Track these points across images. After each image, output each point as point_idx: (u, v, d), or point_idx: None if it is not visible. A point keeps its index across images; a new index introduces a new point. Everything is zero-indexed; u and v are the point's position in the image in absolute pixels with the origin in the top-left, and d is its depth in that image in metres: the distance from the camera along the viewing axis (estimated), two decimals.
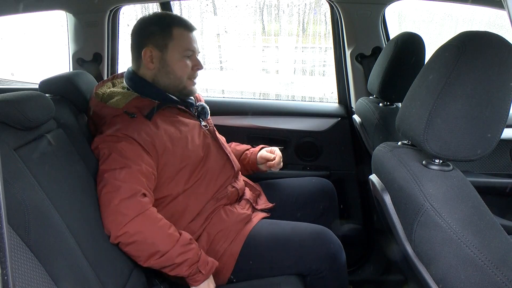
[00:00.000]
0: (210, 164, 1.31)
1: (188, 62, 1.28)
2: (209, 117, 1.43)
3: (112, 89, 1.30)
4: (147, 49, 1.25)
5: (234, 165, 1.40)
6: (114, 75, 1.41)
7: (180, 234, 1.13)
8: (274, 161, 1.51)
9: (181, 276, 1.13)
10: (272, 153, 1.55)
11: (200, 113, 1.39)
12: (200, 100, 1.45)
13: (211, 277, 1.16)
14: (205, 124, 1.39)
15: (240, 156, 1.56)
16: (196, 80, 1.34)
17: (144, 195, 1.12)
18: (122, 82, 1.34)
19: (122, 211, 1.07)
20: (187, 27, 1.28)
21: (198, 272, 1.12)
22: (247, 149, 1.59)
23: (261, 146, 1.59)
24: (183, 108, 1.33)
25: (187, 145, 1.26)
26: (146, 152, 1.17)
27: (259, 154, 1.55)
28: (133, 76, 1.30)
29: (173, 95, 1.30)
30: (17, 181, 0.88)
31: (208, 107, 1.42)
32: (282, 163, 1.54)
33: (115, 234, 1.07)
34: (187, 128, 1.30)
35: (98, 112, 1.25)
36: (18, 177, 0.90)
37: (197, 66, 1.31)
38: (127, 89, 1.30)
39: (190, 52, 1.28)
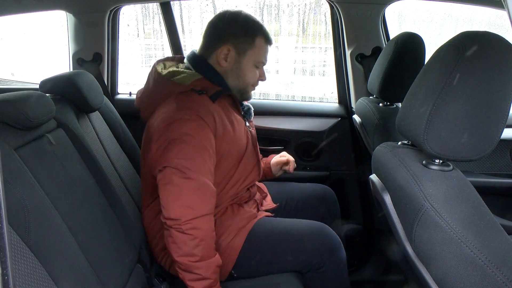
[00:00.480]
0: (244, 164, 1.33)
1: (257, 72, 1.30)
2: (252, 118, 1.45)
3: (171, 69, 1.28)
4: (225, 47, 1.24)
5: (261, 171, 1.43)
6: (172, 57, 1.38)
7: (216, 255, 1.15)
8: (289, 166, 1.54)
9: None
10: (282, 157, 1.57)
11: (245, 113, 1.42)
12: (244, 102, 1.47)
13: None
14: (249, 125, 1.42)
15: None
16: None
17: (214, 196, 1.14)
18: (177, 67, 1.31)
19: (195, 205, 1.09)
20: (268, 40, 1.29)
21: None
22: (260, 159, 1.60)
23: (271, 156, 1.61)
24: (237, 103, 1.35)
25: (237, 137, 1.28)
26: (212, 134, 1.17)
27: (272, 162, 1.57)
28: (202, 61, 1.28)
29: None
30: (17, 181, 0.88)
31: (253, 109, 1.45)
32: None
33: (178, 221, 1.08)
34: (238, 122, 1.32)
35: (160, 88, 1.23)
36: (18, 177, 0.90)
37: (262, 77, 1.33)
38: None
39: (262, 64, 1.31)
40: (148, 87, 1.27)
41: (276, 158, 1.57)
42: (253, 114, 1.44)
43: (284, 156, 1.57)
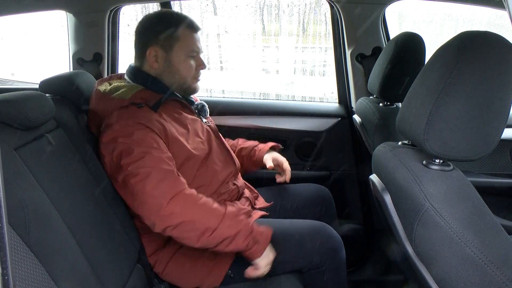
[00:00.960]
0: (214, 160, 1.32)
1: (192, 63, 1.29)
2: (208, 115, 1.44)
3: (115, 83, 1.30)
4: (152, 49, 1.25)
5: (235, 162, 1.41)
6: (110, 76, 1.40)
7: (226, 207, 1.14)
8: (284, 176, 1.51)
9: (240, 250, 1.12)
10: (278, 163, 1.53)
11: (200, 111, 1.41)
12: (196, 100, 1.46)
13: (270, 246, 1.16)
14: (206, 121, 1.40)
15: (249, 152, 1.56)
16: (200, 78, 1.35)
17: (178, 175, 1.12)
18: (120, 82, 1.33)
19: (157, 195, 1.06)
20: (193, 28, 1.28)
21: (255, 243, 1.12)
22: (256, 146, 1.58)
23: (270, 144, 1.56)
24: (185, 104, 1.34)
25: (192, 139, 1.27)
26: (160, 138, 1.17)
27: (266, 157, 1.52)
28: (137, 71, 1.30)
29: (177, 93, 1.31)
30: (17, 181, 0.88)
31: (207, 105, 1.43)
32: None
33: (157, 220, 1.06)
34: (191, 123, 1.31)
35: (103, 105, 1.24)
36: (18, 177, 0.90)
37: (201, 66, 1.32)
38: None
39: (194, 53, 1.29)
40: (92, 105, 1.28)
41: (268, 160, 1.50)
42: (208, 110, 1.43)
43: (281, 165, 1.52)
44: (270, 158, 1.52)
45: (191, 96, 1.41)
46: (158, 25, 1.26)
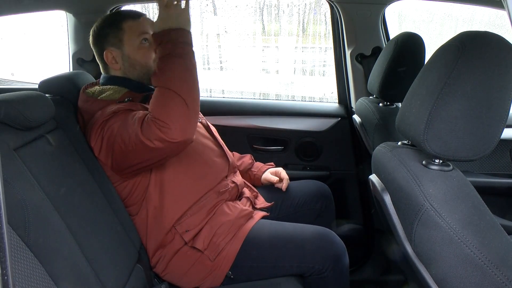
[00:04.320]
0: (205, 152, 1.33)
1: (148, 46, 1.29)
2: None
3: (102, 86, 1.31)
4: (107, 52, 1.28)
5: (229, 157, 1.41)
6: (97, 81, 1.40)
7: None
8: (282, 184, 1.54)
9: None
10: (277, 174, 1.56)
11: None
12: None
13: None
14: None
15: (245, 172, 1.58)
16: None
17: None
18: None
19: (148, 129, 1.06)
20: (134, 16, 1.30)
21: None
22: (251, 167, 1.59)
23: (266, 166, 1.60)
24: None
25: None
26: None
27: (264, 176, 1.56)
28: (108, 78, 1.32)
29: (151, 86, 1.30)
30: (17, 181, 0.88)
31: None
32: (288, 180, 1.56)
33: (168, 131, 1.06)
34: None
35: (89, 107, 1.25)
36: (18, 177, 0.90)
37: None
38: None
39: (146, 36, 1.29)
40: (79, 106, 1.29)
41: (268, 176, 1.55)
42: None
43: (278, 174, 1.56)
44: (269, 175, 1.55)
45: None
46: (103, 29, 1.29)
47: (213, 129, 1.48)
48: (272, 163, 1.63)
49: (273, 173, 1.57)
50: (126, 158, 1.14)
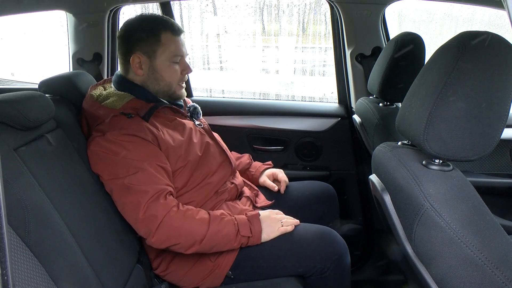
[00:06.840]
0: (210, 161, 1.32)
1: (177, 68, 1.27)
2: (201, 116, 1.44)
3: (108, 90, 1.30)
4: (135, 56, 1.24)
5: (232, 162, 1.41)
6: (104, 79, 1.39)
7: (209, 214, 1.16)
8: (280, 186, 1.53)
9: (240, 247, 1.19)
10: (274, 176, 1.56)
11: (192, 113, 1.40)
12: (189, 103, 1.45)
13: (267, 220, 1.21)
14: (199, 123, 1.40)
15: (244, 171, 1.58)
16: (184, 84, 1.35)
17: (169, 193, 1.14)
18: (111, 88, 1.32)
19: (150, 216, 1.10)
20: (175, 31, 1.25)
21: (249, 236, 1.16)
22: (249, 167, 1.59)
23: (265, 166, 1.59)
24: (176, 109, 1.33)
25: (186, 144, 1.27)
26: (154, 146, 1.17)
27: (261, 181, 1.56)
28: (122, 80, 1.29)
29: (163, 99, 1.30)
30: (17, 181, 0.88)
31: (199, 107, 1.43)
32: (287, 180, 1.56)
33: (149, 239, 1.12)
34: (184, 128, 1.30)
35: (94, 112, 1.23)
36: (18, 177, 0.90)
37: (186, 70, 1.29)
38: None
39: (178, 57, 1.27)
40: (84, 108, 1.27)
41: (266, 182, 1.54)
42: (200, 112, 1.43)
43: (276, 177, 1.55)
44: (266, 178, 1.55)
45: (184, 98, 1.40)
46: (139, 31, 1.24)
47: (216, 135, 1.47)
48: (270, 163, 1.62)
49: (269, 176, 1.56)
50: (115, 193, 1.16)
